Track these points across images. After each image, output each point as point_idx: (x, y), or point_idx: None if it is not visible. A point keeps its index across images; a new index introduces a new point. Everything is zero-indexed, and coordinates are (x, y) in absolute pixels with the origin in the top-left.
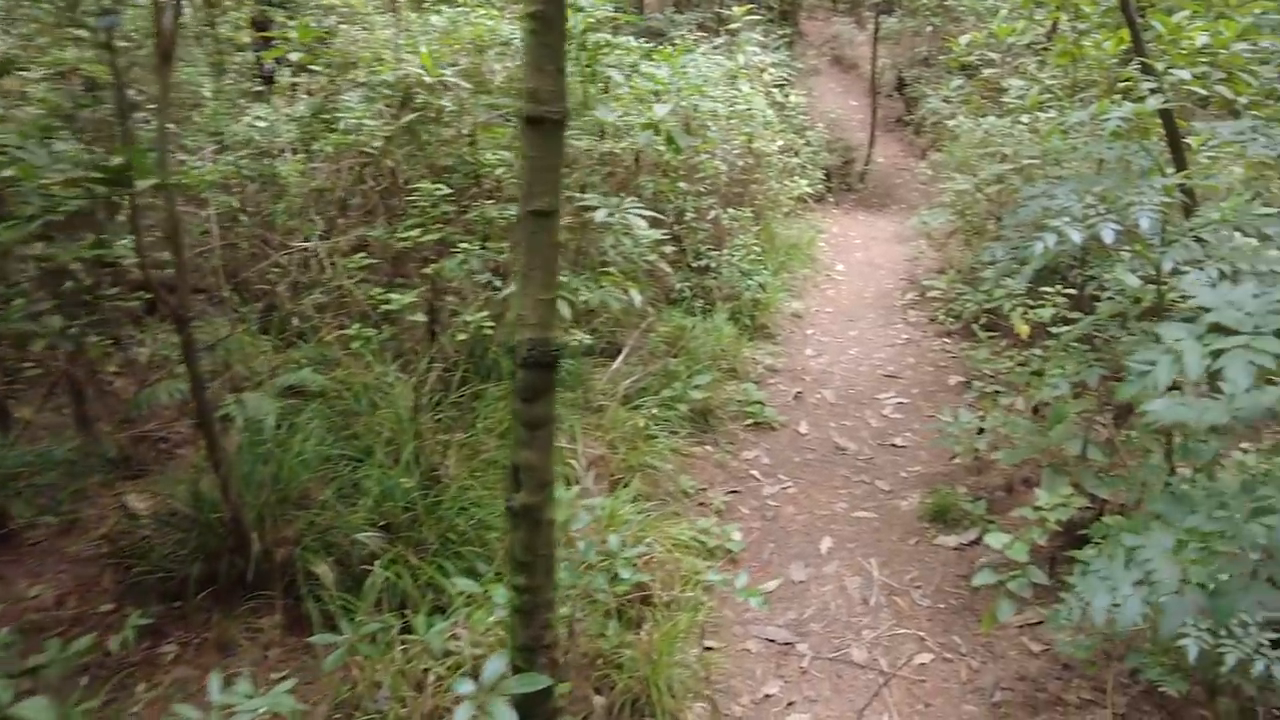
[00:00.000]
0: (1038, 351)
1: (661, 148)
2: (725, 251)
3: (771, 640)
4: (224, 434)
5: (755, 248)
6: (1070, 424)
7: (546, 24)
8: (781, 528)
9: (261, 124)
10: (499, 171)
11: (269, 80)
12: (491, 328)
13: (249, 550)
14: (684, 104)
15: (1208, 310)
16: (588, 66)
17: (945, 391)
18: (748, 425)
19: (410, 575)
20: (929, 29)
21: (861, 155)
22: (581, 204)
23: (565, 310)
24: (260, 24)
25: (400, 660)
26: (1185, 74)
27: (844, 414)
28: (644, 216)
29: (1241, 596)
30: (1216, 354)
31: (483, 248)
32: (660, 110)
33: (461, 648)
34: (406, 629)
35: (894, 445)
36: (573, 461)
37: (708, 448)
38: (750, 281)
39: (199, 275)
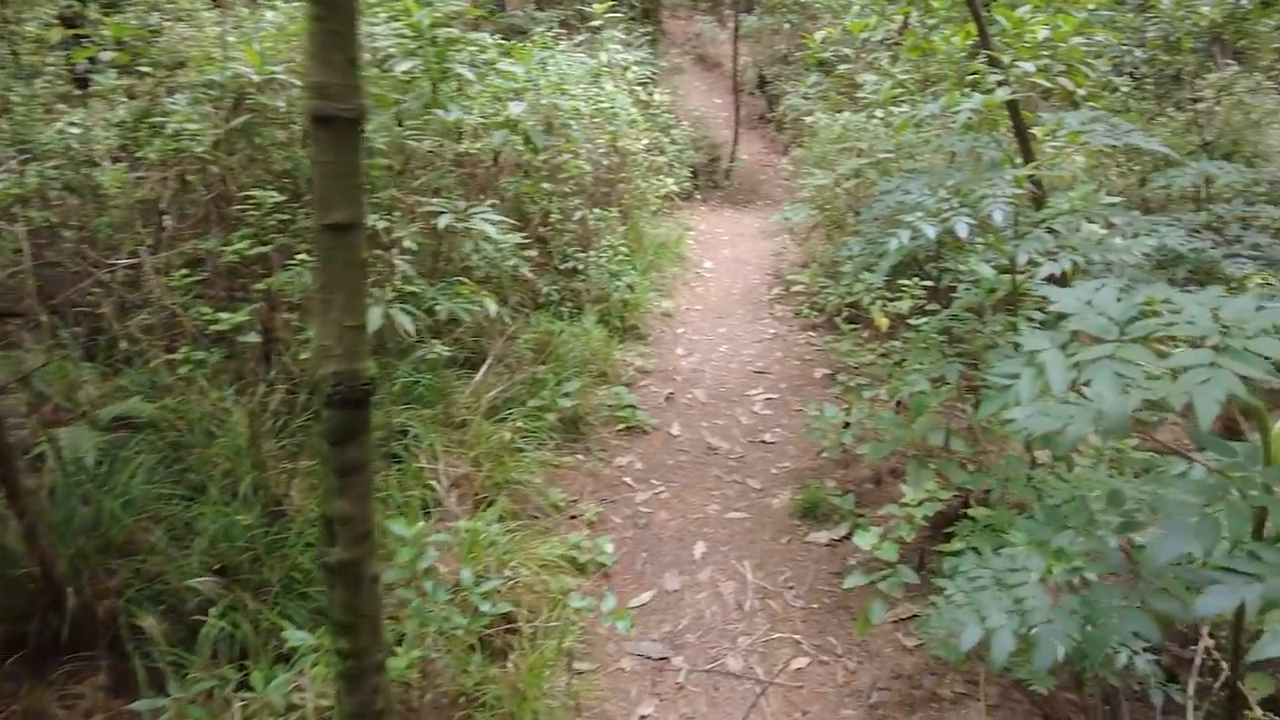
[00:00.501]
0: (897, 343)
1: (521, 148)
2: (593, 253)
3: (646, 657)
4: (35, 474)
5: (623, 248)
6: (932, 415)
7: (332, 7)
8: (655, 535)
9: (75, 130)
10: None
11: (83, 83)
12: None
13: (64, 606)
14: (544, 102)
15: (1067, 316)
16: (436, 63)
17: (812, 385)
18: (620, 430)
19: (250, 623)
20: (787, 27)
21: (727, 152)
22: (427, 209)
23: (407, 323)
24: (70, 21)
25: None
26: (1029, 66)
27: (716, 413)
28: (497, 220)
29: (1117, 627)
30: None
31: None
32: (516, 108)
33: (306, 700)
34: (245, 683)
35: (765, 442)
36: (434, 483)
37: (579, 457)
38: (619, 282)
39: (13, 298)
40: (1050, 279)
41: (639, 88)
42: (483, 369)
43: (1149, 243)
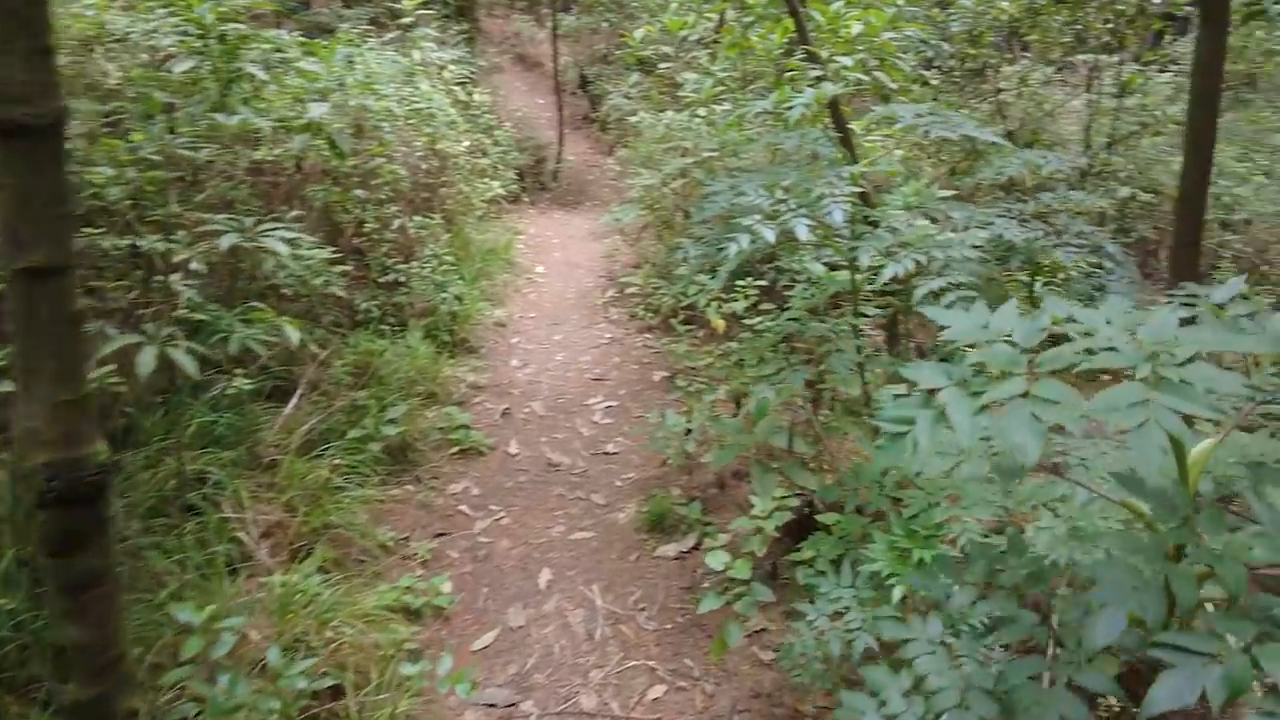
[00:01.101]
0: (734, 344)
1: (327, 153)
2: (416, 263)
3: (492, 705)
4: None
5: (449, 256)
6: (773, 418)
7: None
8: (496, 567)
9: None
10: (113, 192)
11: None
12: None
13: None
14: (353, 104)
15: (961, 345)
16: (224, 63)
17: (652, 389)
18: (453, 454)
19: None
20: (605, 26)
21: (553, 153)
22: (208, 228)
23: (188, 364)
24: None
25: None
26: (847, 61)
27: (555, 426)
28: (293, 236)
29: (1037, 710)
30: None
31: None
32: (317, 110)
33: None
34: None
35: (607, 453)
36: (241, 534)
37: (408, 488)
38: (446, 293)
39: None
40: (895, 280)
41: (457, 88)
42: (293, 400)
43: (982, 235)
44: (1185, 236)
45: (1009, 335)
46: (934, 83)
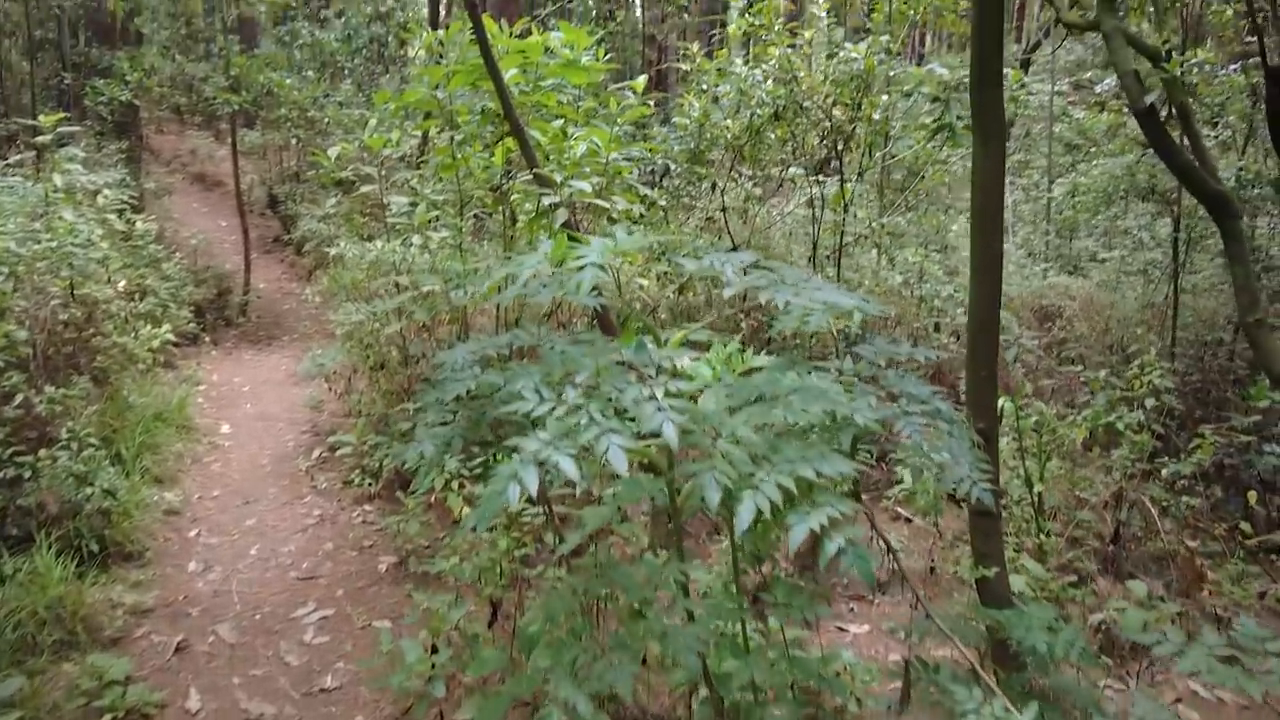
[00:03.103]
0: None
1: None
2: (48, 450)
3: None
4: None
5: (93, 437)
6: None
7: None
8: None
9: None
10: None
11: None
12: None
13: None
14: None
15: None
16: None
17: (378, 584)
18: None
19: None
20: (294, 142)
21: (240, 283)
22: None
23: None
24: None
25: None
26: (584, 185)
27: (251, 657)
28: None
29: None
30: None
31: None
32: None
33: None
34: None
35: (325, 690)
36: None
37: None
38: (92, 487)
39: None
40: None
41: (113, 216)
42: None
43: (815, 412)
44: (982, 369)
45: None
46: (660, 202)
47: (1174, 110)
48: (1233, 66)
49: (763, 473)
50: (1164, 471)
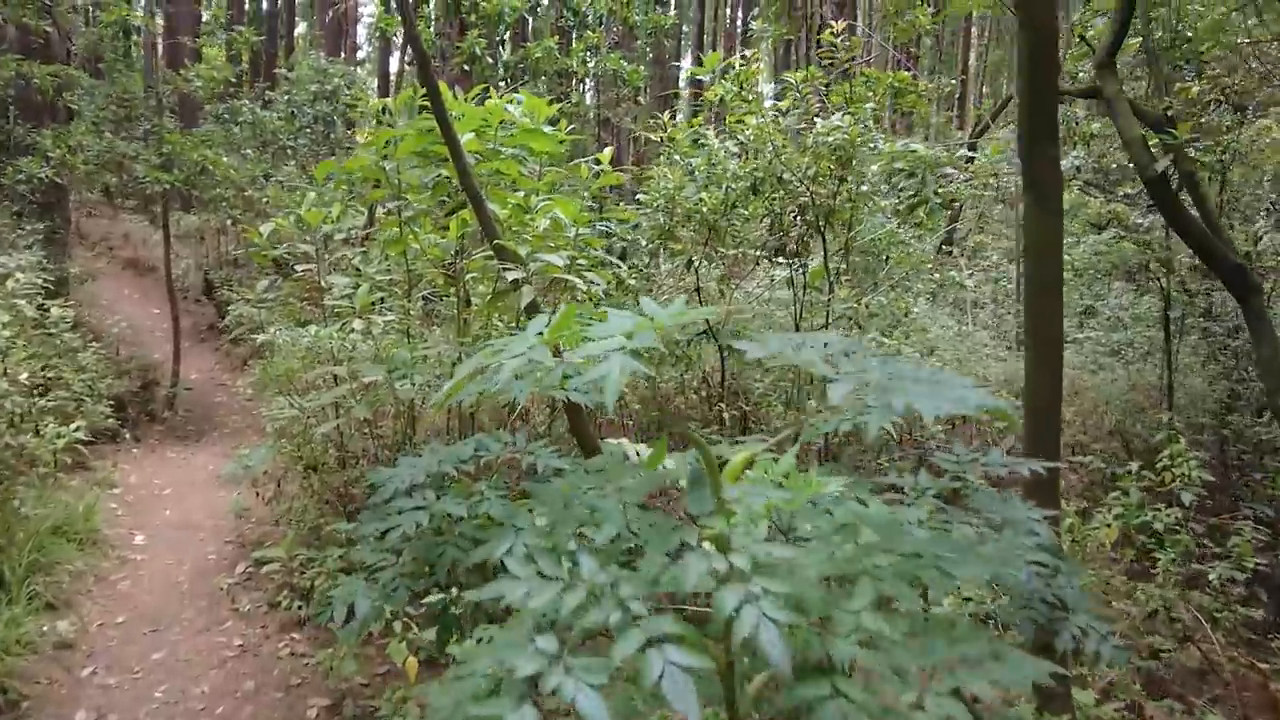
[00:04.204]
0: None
1: None
2: None
3: None
4: None
5: None
6: None
7: None
8: None
9: None
10: None
11: None
12: None
13: None
14: None
15: None
16: None
17: None
18: None
19: None
20: (230, 224)
21: (168, 373)
22: None
23: None
24: None
25: None
26: (554, 259)
27: None
28: None
29: None
30: None
31: None
32: None
33: None
34: None
35: None
36: None
37: None
38: None
39: None
40: None
41: (21, 301)
42: None
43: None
44: (1043, 467)
45: None
46: (630, 281)
47: (1181, 179)
48: None
49: (913, 693)
50: (1211, 576)
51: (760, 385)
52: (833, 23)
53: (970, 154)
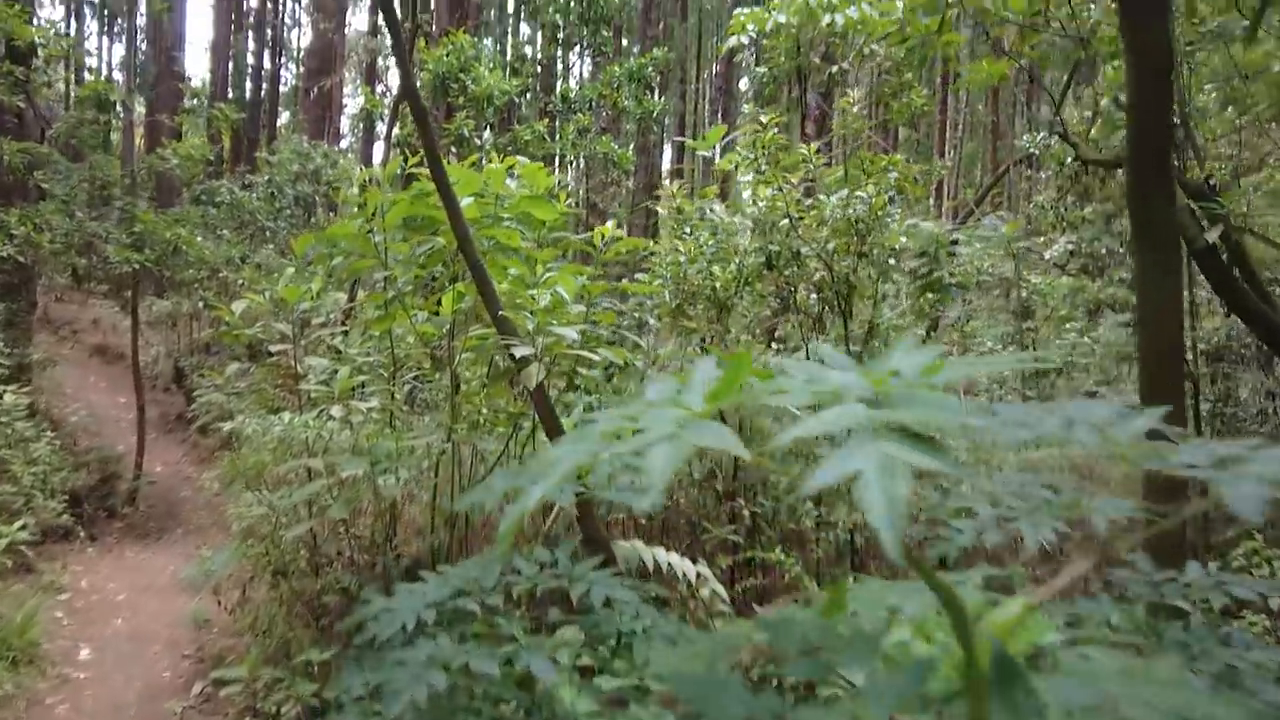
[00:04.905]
0: None
1: None
2: None
3: None
4: None
5: None
6: None
7: None
8: None
9: None
10: None
11: None
12: None
13: None
14: None
15: None
16: None
17: None
18: None
19: None
20: (204, 308)
21: (131, 466)
22: None
23: None
24: None
25: None
26: (568, 332)
27: None
28: None
29: None
30: None
31: None
32: None
33: None
34: None
35: None
36: None
37: None
38: None
39: None
40: None
41: None
42: None
43: None
44: None
45: None
46: (636, 362)
47: (1228, 250)
48: None
49: None
50: None
51: (778, 479)
52: (818, 110)
53: (954, 241)
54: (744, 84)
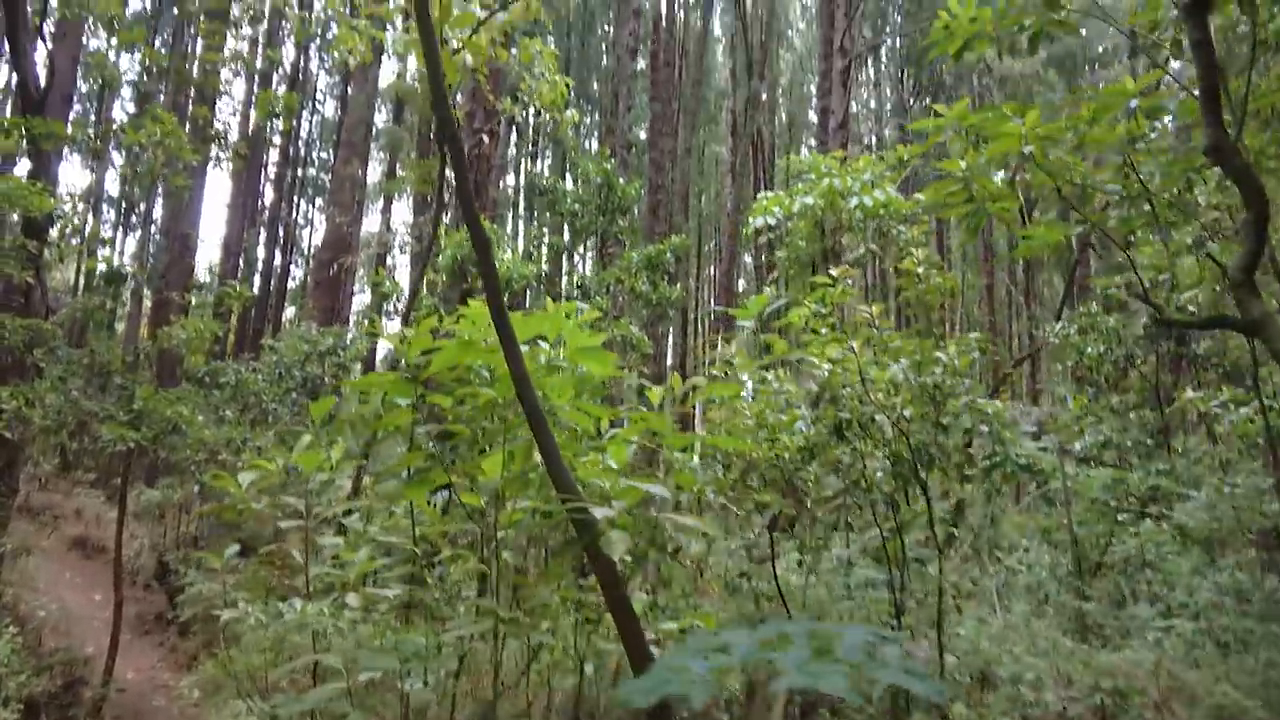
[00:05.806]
0: None
1: None
2: None
3: None
4: None
5: None
6: None
7: None
8: None
9: None
10: None
11: None
12: None
13: None
14: None
15: None
16: None
17: None
18: None
19: None
20: (197, 493)
21: (100, 670)
22: None
23: None
24: None
25: None
26: (658, 489)
27: None
28: None
29: None
30: None
31: None
32: None
33: None
34: None
35: None
36: None
37: None
38: None
39: None
40: None
41: None
42: None
43: None
44: None
45: None
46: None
47: None
48: None
49: None
50: None
51: None
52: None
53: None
54: (741, 285)
